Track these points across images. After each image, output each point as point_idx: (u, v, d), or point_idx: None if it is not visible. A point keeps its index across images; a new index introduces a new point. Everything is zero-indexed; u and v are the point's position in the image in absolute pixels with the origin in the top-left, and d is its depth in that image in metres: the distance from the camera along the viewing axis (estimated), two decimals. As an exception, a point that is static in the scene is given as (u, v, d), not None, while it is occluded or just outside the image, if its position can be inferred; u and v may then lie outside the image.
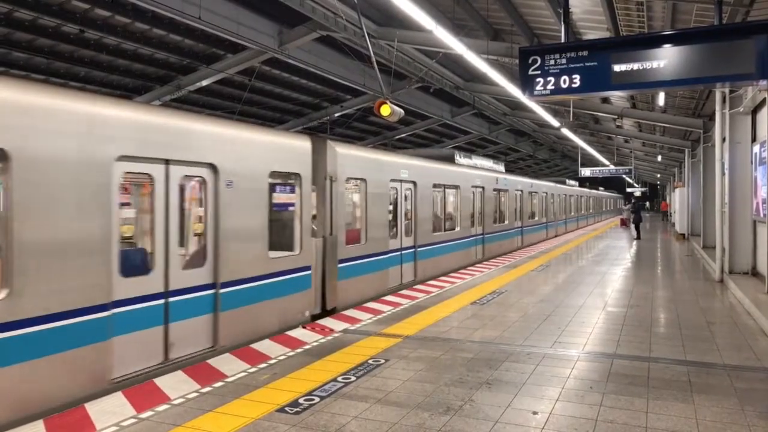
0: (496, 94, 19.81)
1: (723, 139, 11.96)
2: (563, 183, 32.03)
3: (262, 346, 7.00)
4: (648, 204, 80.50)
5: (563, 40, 6.54)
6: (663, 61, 5.48)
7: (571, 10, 10.10)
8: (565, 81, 5.85)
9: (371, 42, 11.38)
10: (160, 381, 5.55)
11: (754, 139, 11.08)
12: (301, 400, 4.71)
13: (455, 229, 15.18)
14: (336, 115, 21.82)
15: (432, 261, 13.43)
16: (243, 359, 6.36)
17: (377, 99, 11.86)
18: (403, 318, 7.96)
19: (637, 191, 55.11)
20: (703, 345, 6.48)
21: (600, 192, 53.09)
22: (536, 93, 5.98)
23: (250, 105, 19.56)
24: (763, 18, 8.41)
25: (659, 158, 33.66)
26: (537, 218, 24.49)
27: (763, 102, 10.13)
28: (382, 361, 5.82)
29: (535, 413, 4.43)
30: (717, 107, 12.02)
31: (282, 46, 13.14)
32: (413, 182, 12.54)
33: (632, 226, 24.43)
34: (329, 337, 6.91)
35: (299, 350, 6.29)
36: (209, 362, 6.29)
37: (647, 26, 10.56)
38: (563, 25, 6.71)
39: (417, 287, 11.83)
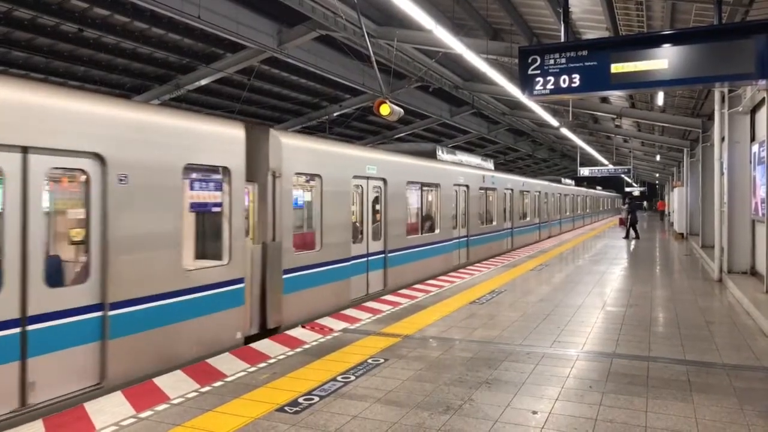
0: (496, 94, 19.80)
1: (722, 139, 11.97)
2: (558, 182, 31.49)
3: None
4: (645, 203, 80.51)
5: (563, 40, 6.54)
6: (662, 61, 5.48)
7: (571, 10, 10.10)
8: (565, 80, 5.85)
9: (371, 41, 11.38)
10: (160, 380, 5.53)
11: (753, 139, 11.08)
12: (301, 400, 4.72)
13: (435, 231, 14.07)
14: (335, 115, 21.84)
15: (405, 267, 12.22)
16: (243, 359, 6.36)
17: (376, 98, 11.87)
18: (403, 317, 7.97)
19: (636, 191, 55.13)
20: (703, 344, 6.49)
21: (597, 191, 52.74)
22: (536, 92, 5.98)
23: (249, 104, 19.60)
24: (763, 18, 8.41)
25: (658, 158, 33.66)
26: (529, 219, 23.66)
27: (762, 102, 10.13)
28: (382, 361, 5.82)
29: (535, 413, 4.43)
30: (716, 107, 12.02)
31: (281, 46, 13.16)
32: (383, 179, 11.37)
33: (629, 227, 23.63)
34: (329, 337, 6.92)
35: (299, 350, 6.30)
36: (209, 361, 6.20)
37: (647, 26, 10.57)
38: (563, 25, 6.71)
39: (386, 298, 10.49)
